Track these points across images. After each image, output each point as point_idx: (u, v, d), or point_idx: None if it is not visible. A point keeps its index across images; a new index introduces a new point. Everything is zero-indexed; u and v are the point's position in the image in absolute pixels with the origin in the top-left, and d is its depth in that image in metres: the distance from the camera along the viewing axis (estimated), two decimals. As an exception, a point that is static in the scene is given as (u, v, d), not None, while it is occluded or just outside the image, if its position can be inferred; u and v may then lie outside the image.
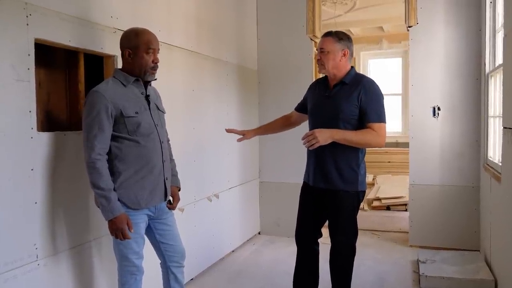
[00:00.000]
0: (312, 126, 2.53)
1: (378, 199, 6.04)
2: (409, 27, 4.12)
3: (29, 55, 1.95)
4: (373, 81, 2.46)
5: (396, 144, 9.56)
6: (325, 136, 2.30)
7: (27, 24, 1.95)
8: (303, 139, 2.32)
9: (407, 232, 4.36)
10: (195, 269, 3.45)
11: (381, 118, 2.40)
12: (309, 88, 2.73)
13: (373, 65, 10.11)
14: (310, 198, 2.60)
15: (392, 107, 10.00)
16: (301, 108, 2.77)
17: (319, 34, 4.45)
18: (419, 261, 3.49)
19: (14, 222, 1.90)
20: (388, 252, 4.04)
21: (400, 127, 9.86)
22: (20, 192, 1.92)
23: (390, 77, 10.01)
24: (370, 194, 6.43)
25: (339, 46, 2.42)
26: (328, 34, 2.47)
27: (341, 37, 2.44)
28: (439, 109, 4.07)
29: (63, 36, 2.16)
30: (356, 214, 2.54)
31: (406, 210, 5.67)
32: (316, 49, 2.50)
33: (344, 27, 8.83)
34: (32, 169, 1.98)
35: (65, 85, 2.56)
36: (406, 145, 9.10)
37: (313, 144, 2.29)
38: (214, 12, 3.73)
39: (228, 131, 2.74)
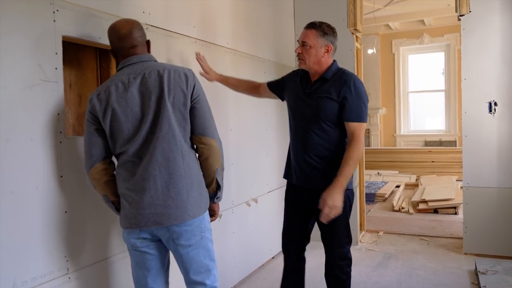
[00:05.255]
0: (294, 126, 2.36)
1: (425, 201, 5.68)
2: (461, 15, 3.79)
3: (56, 53, 1.82)
4: (356, 76, 2.27)
5: (440, 143, 9.11)
6: (335, 199, 2.11)
7: (54, 21, 1.81)
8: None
9: (461, 238, 4.03)
10: (235, 278, 3.27)
11: (361, 118, 2.20)
12: (289, 75, 2.50)
13: (413, 61, 9.67)
14: (297, 200, 2.44)
15: (434, 104, 9.54)
16: (275, 87, 2.56)
17: (360, 27, 4.19)
18: (478, 271, 3.17)
19: (42, 233, 1.77)
20: (441, 261, 3.73)
21: (444, 125, 9.38)
22: (48, 201, 1.79)
23: (432, 72, 9.54)
24: (415, 196, 6.09)
25: (322, 41, 2.22)
26: (311, 26, 2.25)
27: (326, 31, 2.23)
28: (495, 104, 3.72)
29: (93, 33, 2.02)
30: (349, 217, 2.39)
31: (455, 213, 5.31)
32: (298, 40, 2.30)
33: (383, 21, 8.49)
34: (61, 176, 1.84)
35: (97, 85, 2.43)
36: (450, 143, 8.87)
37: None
38: (250, 8, 3.54)
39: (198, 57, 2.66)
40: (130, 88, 1.74)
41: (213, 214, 2.00)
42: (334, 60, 2.31)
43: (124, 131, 1.74)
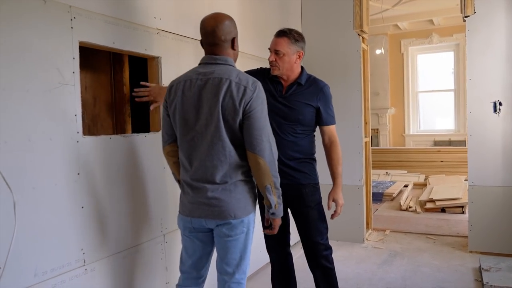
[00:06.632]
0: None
1: (432, 200, 5.73)
2: (466, 17, 3.85)
3: (73, 58, 1.94)
4: (326, 83, 2.45)
5: (449, 143, 9.11)
6: (342, 197, 2.45)
7: (72, 27, 1.93)
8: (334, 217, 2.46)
9: (466, 237, 4.08)
10: (242, 274, 3.36)
11: (334, 120, 2.47)
12: (254, 74, 2.40)
13: (422, 60, 9.67)
14: None
15: (444, 104, 9.54)
16: None
17: (367, 29, 4.26)
18: (482, 269, 3.23)
19: (61, 227, 1.88)
20: (446, 258, 3.79)
21: (453, 125, 9.38)
22: (67, 197, 1.91)
23: (441, 72, 9.54)
24: (423, 195, 6.13)
25: (294, 48, 2.32)
26: (283, 34, 2.31)
27: (297, 38, 2.32)
28: (500, 104, 3.77)
29: (107, 38, 2.13)
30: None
31: (463, 212, 5.35)
32: (269, 48, 2.36)
33: (392, 21, 8.52)
34: (78, 174, 1.96)
35: (111, 88, 2.55)
36: (459, 143, 8.87)
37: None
38: (257, 9, 3.64)
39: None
40: (194, 88, 1.84)
41: (272, 227, 2.03)
42: (302, 66, 2.41)
43: (178, 127, 1.88)
